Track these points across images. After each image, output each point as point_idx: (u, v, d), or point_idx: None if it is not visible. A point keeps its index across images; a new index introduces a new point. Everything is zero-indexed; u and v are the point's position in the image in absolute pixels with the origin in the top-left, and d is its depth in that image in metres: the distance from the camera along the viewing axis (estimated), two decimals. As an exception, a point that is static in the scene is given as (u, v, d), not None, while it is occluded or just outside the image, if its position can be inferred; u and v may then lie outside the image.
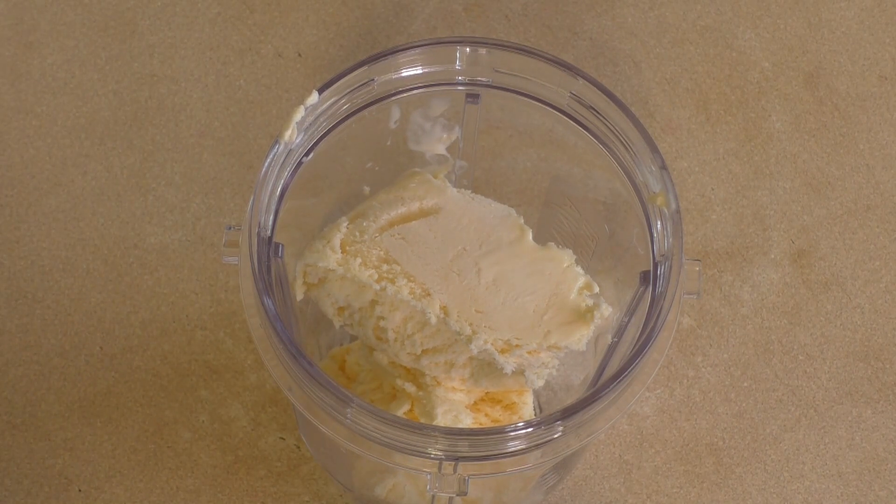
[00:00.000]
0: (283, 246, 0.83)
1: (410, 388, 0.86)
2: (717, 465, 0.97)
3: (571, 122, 0.87)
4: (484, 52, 0.86)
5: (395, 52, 0.86)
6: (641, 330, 0.82)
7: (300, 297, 0.86)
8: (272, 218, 0.83)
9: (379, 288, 0.83)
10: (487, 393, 0.87)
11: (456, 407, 0.86)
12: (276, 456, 0.96)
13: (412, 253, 0.85)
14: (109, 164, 1.03)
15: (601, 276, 0.89)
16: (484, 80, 0.87)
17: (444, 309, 0.83)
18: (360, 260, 0.84)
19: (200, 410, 0.97)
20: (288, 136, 0.84)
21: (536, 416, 0.92)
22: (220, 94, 1.05)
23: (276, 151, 0.83)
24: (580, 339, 0.84)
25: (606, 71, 1.06)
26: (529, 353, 0.84)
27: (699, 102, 1.06)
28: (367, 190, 0.90)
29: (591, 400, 0.79)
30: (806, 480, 0.97)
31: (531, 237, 0.86)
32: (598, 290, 0.86)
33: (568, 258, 0.86)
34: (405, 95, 0.87)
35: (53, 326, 0.98)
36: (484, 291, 0.84)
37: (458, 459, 0.79)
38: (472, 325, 0.83)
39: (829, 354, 1.00)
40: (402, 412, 0.86)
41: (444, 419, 0.85)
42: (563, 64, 0.85)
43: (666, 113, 1.05)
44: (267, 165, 0.83)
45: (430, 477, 0.80)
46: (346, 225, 0.85)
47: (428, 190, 0.87)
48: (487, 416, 0.87)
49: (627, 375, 0.80)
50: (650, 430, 0.98)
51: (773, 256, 1.02)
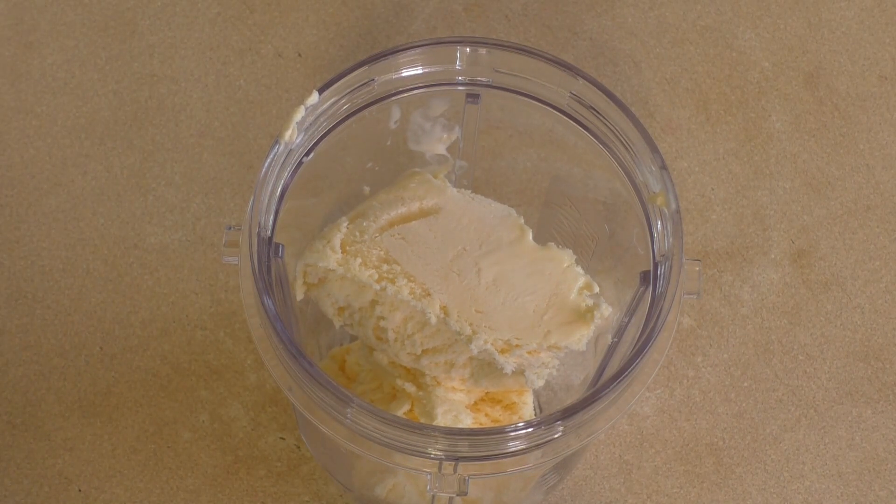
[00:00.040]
0: (283, 246, 0.83)
1: (410, 388, 0.86)
2: (717, 465, 0.97)
3: (571, 122, 0.87)
4: (484, 52, 0.86)
5: (395, 52, 0.86)
6: (641, 330, 0.82)
7: (300, 297, 0.86)
8: (272, 218, 0.83)
9: (379, 288, 0.83)
10: (487, 393, 0.87)
11: (456, 407, 0.86)
12: (276, 456, 0.96)
13: (412, 253, 0.85)
14: (109, 164, 1.03)
15: (601, 276, 0.89)
16: (484, 80, 0.87)
17: (444, 309, 0.83)
18: (360, 260, 0.84)
19: (200, 410, 0.97)
20: (288, 136, 0.84)
21: (536, 416, 0.92)
22: (220, 94, 1.05)
23: (276, 151, 0.83)
24: (580, 339, 0.84)
25: (606, 71, 1.06)
26: (529, 353, 0.84)
27: (699, 102, 1.06)
28: (367, 190, 0.90)
29: (591, 400, 0.79)
30: (806, 480, 0.97)
31: (531, 237, 0.86)
32: (598, 290, 0.86)
33: (568, 258, 0.86)
34: (405, 95, 0.87)
35: (53, 326, 0.98)
36: (484, 291, 0.84)
37: (458, 459, 0.79)
38: (472, 325, 0.83)
39: (829, 354, 1.00)
40: (402, 412, 0.86)
41: (444, 419, 0.85)
42: (563, 64, 0.85)
43: (666, 113, 1.05)
44: (267, 165, 0.83)
45: (430, 477, 0.80)
46: (346, 225, 0.85)
47: (428, 190, 0.87)
48: (487, 416, 0.87)
49: (627, 375, 0.80)
50: (650, 430, 0.98)
51: (773, 256, 1.02)
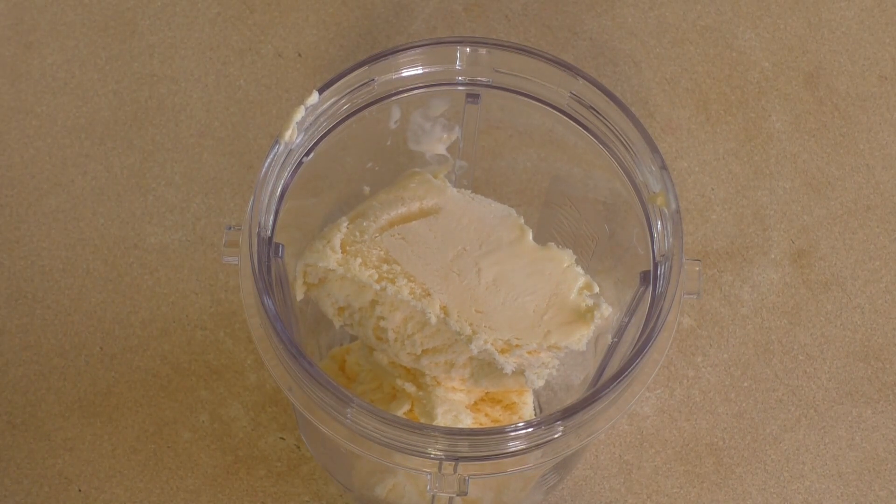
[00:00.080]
0: (283, 246, 0.83)
1: (410, 388, 0.86)
2: (717, 465, 0.97)
3: (571, 122, 0.87)
4: (484, 52, 0.86)
5: (395, 52, 0.86)
6: (641, 330, 0.82)
7: (300, 297, 0.86)
8: (272, 218, 0.83)
9: (379, 288, 0.83)
10: (487, 393, 0.87)
11: (456, 407, 0.86)
12: (276, 456, 0.96)
13: (412, 253, 0.85)
14: (109, 164, 1.03)
15: (601, 276, 0.89)
16: (484, 80, 0.87)
17: (444, 309, 0.83)
18: (360, 260, 0.84)
19: (200, 410, 0.97)
20: (288, 136, 0.84)
21: (536, 416, 0.92)
22: (220, 94, 1.05)
23: (276, 151, 0.83)
24: (580, 339, 0.84)
25: (606, 71, 1.06)
26: (529, 353, 0.84)
27: (699, 102, 1.06)
28: (367, 190, 0.90)
29: (591, 400, 0.79)
30: (806, 480, 0.97)
31: (531, 237, 0.86)
32: (598, 290, 0.86)
33: (568, 258, 0.86)
34: (405, 95, 0.87)
35: (53, 326, 0.98)
36: (484, 291, 0.84)
37: (458, 459, 0.79)
38: (472, 325, 0.83)
39: (829, 354, 1.00)
40: (402, 412, 0.86)
41: (444, 419, 0.85)
42: (563, 64, 0.85)
43: (666, 113, 1.05)
44: (267, 165, 0.83)
45: (430, 477, 0.80)
46: (346, 225, 0.85)
47: (428, 190, 0.87)
48: (487, 416, 0.87)
49: (627, 375, 0.80)
50: (650, 430, 0.98)
51: (773, 256, 1.02)
